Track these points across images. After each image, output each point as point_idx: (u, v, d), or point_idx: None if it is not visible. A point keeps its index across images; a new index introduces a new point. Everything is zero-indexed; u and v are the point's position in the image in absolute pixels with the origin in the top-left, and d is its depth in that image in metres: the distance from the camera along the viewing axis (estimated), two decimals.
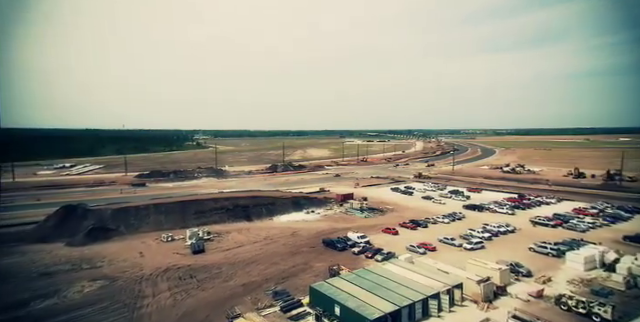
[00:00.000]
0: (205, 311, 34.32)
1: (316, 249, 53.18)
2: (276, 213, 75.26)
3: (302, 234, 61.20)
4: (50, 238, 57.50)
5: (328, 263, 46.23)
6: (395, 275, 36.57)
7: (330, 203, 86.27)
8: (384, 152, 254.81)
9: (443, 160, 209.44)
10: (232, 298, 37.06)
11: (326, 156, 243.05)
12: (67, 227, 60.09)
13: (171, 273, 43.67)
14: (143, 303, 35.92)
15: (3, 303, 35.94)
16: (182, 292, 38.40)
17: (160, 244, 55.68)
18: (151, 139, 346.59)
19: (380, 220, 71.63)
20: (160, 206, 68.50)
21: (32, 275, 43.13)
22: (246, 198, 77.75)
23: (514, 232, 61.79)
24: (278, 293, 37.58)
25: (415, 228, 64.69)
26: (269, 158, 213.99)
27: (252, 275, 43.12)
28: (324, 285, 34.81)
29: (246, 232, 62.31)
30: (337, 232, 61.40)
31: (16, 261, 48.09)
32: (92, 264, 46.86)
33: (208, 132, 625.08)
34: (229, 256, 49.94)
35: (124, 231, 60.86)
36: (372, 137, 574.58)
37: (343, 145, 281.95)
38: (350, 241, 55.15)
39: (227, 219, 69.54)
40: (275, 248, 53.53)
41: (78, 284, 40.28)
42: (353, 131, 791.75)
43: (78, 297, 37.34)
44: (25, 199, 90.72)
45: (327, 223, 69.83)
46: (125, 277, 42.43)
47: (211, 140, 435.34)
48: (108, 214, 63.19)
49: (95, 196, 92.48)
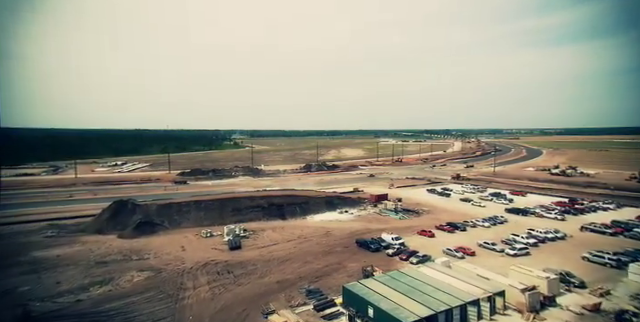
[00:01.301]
0: (241, 306, 35.43)
1: (349, 249, 52.93)
2: (310, 212, 75.92)
3: (335, 234, 61.20)
4: (105, 230, 62.49)
5: (361, 264, 45.84)
6: (431, 279, 35.37)
7: (364, 203, 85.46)
8: (420, 152, 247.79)
9: (483, 161, 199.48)
10: (267, 294, 37.92)
11: (360, 156, 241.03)
12: (119, 220, 64.92)
13: (210, 268, 45.56)
14: (185, 295, 37.81)
15: (69, 287, 39.63)
16: (220, 286, 39.92)
17: (200, 239, 58.33)
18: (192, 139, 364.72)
19: (415, 222, 69.76)
20: (200, 203, 71.76)
21: (91, 263, 47.06)
22: (281, 197, 79.23)
23: (564, 239, 57.33)
24: (311, 292, 37.89)
25: (452, 231, 62.23)
26: (303, 158, 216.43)
27: (286, 273, 43.85)
28: (357, 285, 34.52)
29: (280, 230, 63.50)
30: (371, 233, 60.67)
31: (78, 250, 52.76)
32: (140, 256, 50.17)
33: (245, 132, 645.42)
34: (264, 253, 51.18)
35: (168, 226, 64.53)
36: (407, 137, 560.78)
37: (377, 145, 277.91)
38: (384, 242, 54.27)
39: (262, 217, 71.32)
40: (309, 247, 54.01)
41: (128, 274, 43.29)
42: (388, 131, 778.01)
43: (129, 286, 40.16)
44: (84, 194, 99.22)
45: (361, 223, 69.24)
46: (169, 269, 44.92)
47: (247, 140, 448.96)
48: (154, 209, 67.34)
49: (142, 192, 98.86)
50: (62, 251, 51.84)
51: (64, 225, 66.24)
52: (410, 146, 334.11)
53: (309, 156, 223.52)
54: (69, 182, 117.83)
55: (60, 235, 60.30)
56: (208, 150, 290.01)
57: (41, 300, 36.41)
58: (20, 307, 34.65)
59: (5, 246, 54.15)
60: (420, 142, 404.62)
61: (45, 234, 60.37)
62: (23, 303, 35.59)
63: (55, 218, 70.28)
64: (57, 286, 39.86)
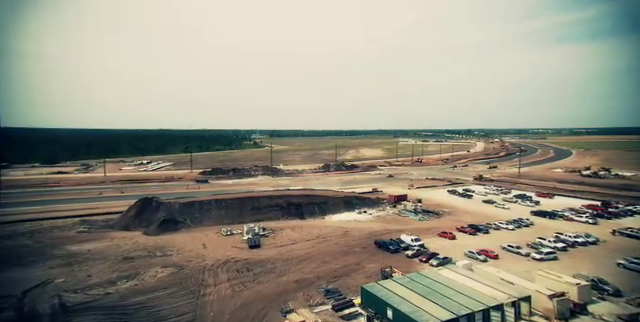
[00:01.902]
0: (260, 304, 35.96)
1: (368, 250, 52.64)
2: (328, 212, 76.02)
3: (354, 234, 61.00)
4: (131, 227, 65.01)
5: (380, 265, 45.52)
6: (452, 282, 34.62)
7: (383, 204, 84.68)
8: (441, 153, 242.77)
9: (507, 162, 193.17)
10: (285, 293, 38.31)
11: (379, 156, 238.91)
12: (144, 218, 67.34)
13: (230, 265, 46.47)
14: (206, 291, 38.76)
15: (99, 280, 41.51)
16: (240, 284, 40.65)
17: (220, 237, 59.59)
18: (213, 139, 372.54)
19: (435, 223, 68.49)
20: (221, 202, 73.31)
21: (118, 258, 49.08)
22: (299, 196, 79.75)
23: (596, 244, 54.67)
24: (330, 291, 37.96)
25: (474, 233, 60.65)
26: (322, 157, 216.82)
27: (305, 272, 44.12)
28: (376, 286, 34.28)
29: (299, 230, 63.91)
30: (390, 234, 60.07)
31: (106, 245, 55.17)
32: (164, 252, 51.84)
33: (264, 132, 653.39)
34: (283, 252, 51.69)
35: (189, 224, 66.34)
36: (428, 137, 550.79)
37: (397, 145, 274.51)
38: (403, 243, 53.63)
39: (281, 216, 72.04)
40: (327, 247, 54.11)
41: (153, 269, 44.83)
42: (407, 131, 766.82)
43: (153, 281, 41.60)
44: (112, 191, 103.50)
45: (379, 224, 68.67)
46: (191, 266, 46.17)
47: (267, 140, 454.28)
48: (176, 207, 69.39)
49: (166, 190, 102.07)
50: (93, 246, 54.36)
51: (94, 221, 69.39)
52: (430, 146, 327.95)
53: (328, 156, 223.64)
54: (99, 180, 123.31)
55: (91, 231, 63.25)
56: (229, 150, 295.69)
57: (74, 292, 38.35)
58: (56, 297, 36.71)
59: (44, 240, 57.33)
60: (441, 142, 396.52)
61: (78, 229, 63.50)
62: (59, 294, 37.65)
63: (86, 214, 73.74)
64: (88, 279, 41.86)
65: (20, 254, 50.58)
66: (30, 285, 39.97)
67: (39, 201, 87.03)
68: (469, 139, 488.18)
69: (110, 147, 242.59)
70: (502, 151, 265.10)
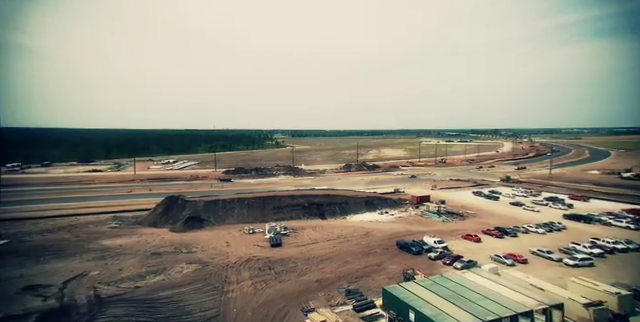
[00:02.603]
0: (282, 302, 36.39)
1: (389, 251, 52.05)
2: (349, 212, 75.80)
3: (375, 235, 60.50)
4: (158, 223, 67.59)
5: (402, 266, 44.93)
6: (477, 286, 33.63)
7: (405, 205, 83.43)
8: (465, 153, 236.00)
9: (537, 163, 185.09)
10: (306, 292, 38.57)
11: (401, 156, 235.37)
12: (170, 215, 69.79)
13: (252, 263, 47.31)
14: (229, 288, 39.65)
15: (130, 274, 43.46)
16: (261, 282, 41.30)
17: (243, 236, 60.78)
18: (236, 138, 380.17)
19: (459, 225, 66.72)
20: (243, 200, 74.76)
21: (147, 254, 51.16)
22: (321, 196, 79.99)
23: (638, 251, 51.29)
24: (351, 292, 37.87)
25: (501, 236, 58.60)
26: (343, 157, 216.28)
27: (326, 272, 44.23)
28: (398, 288, 33.88)
29: (320, 229, 64.12)
30: (412, 235, 59.11)
31: (136, 241, 57.66)
32: (189, 249, 53.52)
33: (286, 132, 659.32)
34: (304, 252, 52.05)
35: (213, 221, 68.09)
36: (452, 137, 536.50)
37: (420, 145, 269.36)
38: (426, 245, 52.63)
39: (302, 216, 72.54)
40: (348, 247, 53.98)
41: (179, 265, 46.38)
42: (431, 130, 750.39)
43: (179, 276, 43.05)
44: (141, 189, 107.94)
45: (401, 225, 67.72)
46: (214, 263, 47.39)
47: (289, 140, 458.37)
48: (201, 205, 71.40)
49: (191, 189, 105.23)
50: (124, 241, 56.98)
51: (125, 218, 72.64)
52: (454, 146, 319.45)
53: (349, 156, 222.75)
54: (129, 178, 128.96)
55: (122, 226, 66.31)
56: (251, 149, 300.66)
57: (107, 284, 40.39)
58: (92, 289, 38.86)
59: (80, 234, 60.74)
60: (465, 142, 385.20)
61: (110, 225, 66.77)
62: (94, 286, 39.81)
63: (118, 211, 77.34)
64: (120, 272, 43.93)
65: (60, 247, 53.98)
66: (69, 276, 42.56)
67: (76, 197, 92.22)
68: (496, 139, 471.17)
69: (139, 147, 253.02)
70: (531, 151, 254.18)
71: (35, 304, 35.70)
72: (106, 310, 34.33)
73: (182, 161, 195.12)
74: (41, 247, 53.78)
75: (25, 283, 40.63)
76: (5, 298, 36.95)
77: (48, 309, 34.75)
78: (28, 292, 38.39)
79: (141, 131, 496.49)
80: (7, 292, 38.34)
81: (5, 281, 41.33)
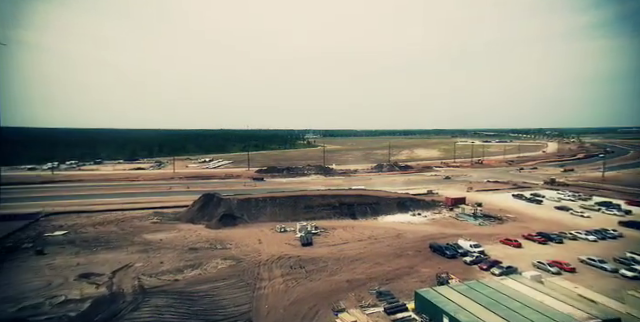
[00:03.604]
0: (312, 301, 36.72)
1: (422, 254, 50.78)
2: (381, 213, 74.82)
3: (407, 236, 59.28)
4: (195, 220, 70.71)
5: (435, 270, 43.68)
6: (518, 293, 31.90)
7: (439, 206, 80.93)
8: (504, 154, 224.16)
9: (587, 165, 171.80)
10: (337, 292, 38.62)
11: (435, 157, 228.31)
12: (206, 212, 72.76)
13: (283, 261, 48.11)
14: (261, 285, 40.62)
15: (169, 267, 45.90)
16: (292, 280, 41.89)
17: (274, 234, 61.97)
18: (269, 138, 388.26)
19: (497, 229, 63.60)
20: (275, 199, 76.23)
21: (185, 248, 53.77)
22: (351, 196, 79.67)
23: None
24: (382, 293, 37.43)
25: (545, 242, 55.09)
26: (375, 157, 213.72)
27: (356, 272, 44.03)
28: (431, 292, 32.99)
29: (351, 230, 63.89)
30: (446, 238, 57.22)
31: (175, 236, 60.79)
32: (223, 245, 55.50)
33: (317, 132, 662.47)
34: (334, 251, 52.13)
35: (246, 219, 70.06)
36: (490, 137, 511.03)
37: (455, 145, 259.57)
38: (461, 249, 50.77)
39: (333, 216, 72.64)
40: (379, 248, 53.34)
41: (214, 261, 48.26)
42: (467, 130, 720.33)
43: (214, 271, 44.82)
44: (180, 187, 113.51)
45: (435, 227, 65.80)
46: (247, 260, 48.77)
47: (320, 139, 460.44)
48: (235, 203, 73.73)
49: (226, 187, 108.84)
50: (164, 236, 60.28)
51: (165, 213, 76.76)
52: (492, 147, 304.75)
53: (381, 156, 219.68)
54: (169, 176, 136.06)
55: (162, 222, 70.18)
56: (283, 149, 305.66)
57: (150, 276, 42.99)
58: (136, 279, 41.59)
59: (126, 228, 65.17)
60: (505, 142, 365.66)
61: (152, 220, 70.89)
62: (138, 277, 42.56)
63: (159, 207, 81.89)
64: (161, 265, 46.56)
65: (109, 239, 58.29)
66: (117, 266, 45.82)
67: (123, 193, 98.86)
68: (539, 139, 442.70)
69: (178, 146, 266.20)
70: (580, 152, 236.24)
71: (89, 290, 38.92)
72: (149, 300, 36.54)
73: (217, 160, 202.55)
74: (93, 238, 58.45)
75: (81, 271, 44.49)
76: (66, 283, 40.79)
77: (100, 296, 37.70)
78: (84, 279, 41.99)
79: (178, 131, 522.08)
80: (68, 278, 42.26)
81: (66, 268, 45.54)
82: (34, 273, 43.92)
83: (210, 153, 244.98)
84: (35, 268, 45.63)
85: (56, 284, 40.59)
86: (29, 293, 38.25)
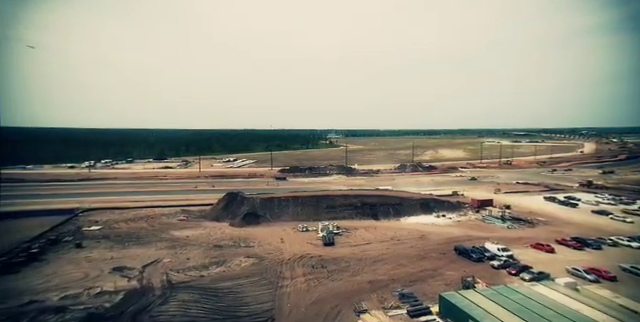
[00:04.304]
0: (334, 301, 36.67)
1: (447, 256, 49.50)
2: (403, 214, 73.64)
3: (431, 238, 58.00)
4: (220, 218, 72.51)
5: (460, 273, 42.47)
6: (550, 301, 30.39)
7: (464, 208, 78.58)
8: (535, 155, 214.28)
9: (630, 166, 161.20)
10: (359, 293, 38.37)
11: (460, 157, 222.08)
12: (230, 210, 74.44)
13: (305, 261, 48.35)
14: (283, 283, 41.00)
15: (195, 263, 47.32)
16: (314, 279, 42.01)
17: (296, 233, 62.41)
18: (291, 138, 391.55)
19: (527, 233, 60.95)
20: (297, 199, 76.78)
21: (210, 246, 55.24)
22: (374, 196, 78.92)
23: None
24: (405, 296, 36.83)
25: (581, 248, 52.16)
26: (398, 158, 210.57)
27: (379, 273, 43.57)
28: (456, 296, 32.08)
29: (373, 230, 63.30)
30: (472, 241, 55.50)
31: (200, 233, 62.58)
32: (247, 243, 56.54)
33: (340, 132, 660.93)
34: (356, 252, 51.83)
35: (269, 218, 71.01)
36: (520, 137, 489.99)
37: (482, 145, 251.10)
38: (488, 252, 49.04)
39: (355, 216, 72.25)
40: (402, 249, 52.51)
41: (237, 258, 49.24)
42: (494, 130, 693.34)
43: (238, 269, 45.77)
44: (205, 185, 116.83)
45: (460, 229, 63.97)
46: (270, 258, 49.40)
47: (342, 139, 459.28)
48: (258, 202, 74.93)
49: (249, 186, 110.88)
50: (190, 233, 62.24)
51: (191, 211, 79.23)
52: (522, 147, 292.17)
53: (404, 156, 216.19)
54: (195, 175, 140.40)
55: (189, 219, 72.50)
56: (306, 149, 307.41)
57: (177, 271, 44.53)
58: (165, 274, 43.22)
59: (155, 224, 67.88)
60: (536, 142, 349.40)
61: (179, 217, 73.40)
62: (166, 272, 44.22)
63: (185, 205, 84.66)
64: (187, 261, 48.11)
65: (140, 235, 60.94)
66: (147, 261, 47.83)
67: (152, 191, 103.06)
68: (574, 139, 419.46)
69: (203, 146, 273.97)
70: (621, 153, 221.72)
71: (122, 283, 40.87)
72: (176, 295, 37.85)
73: (241, 159, 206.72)
74: (126, 234, 61.32)
75: (114, 264, 46.84)
76: (102, 276, 43.13)
77: (132, 288, 39.49)
78: (117, 272, 44.16)
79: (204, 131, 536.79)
80: (103, 270, 44.67)
81: (101, 261, 48.16)
82: (74, 265, 46.84)
83: (234, 153, 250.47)
84: (75, 260, 48.67)
85: (93, 276, 43.00)
86: (70, 283, 40.82)
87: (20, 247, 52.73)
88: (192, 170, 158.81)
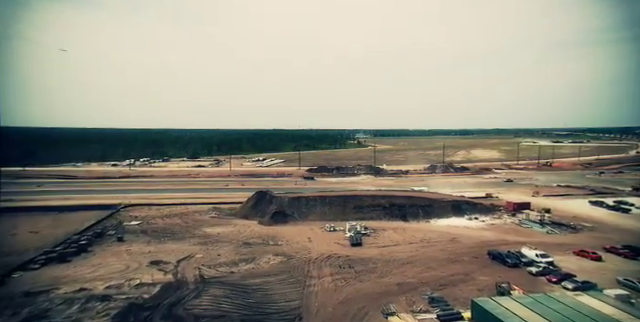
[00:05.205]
0: (362, 301, 36.35)
1: (479, 260, 47.54)
2: (433, 216, 71.62)
3: (463, 241, 55.98)
4: (249, 216, 74.25)
5: (494, 278, 40.61)
6: (598, 314, 28.14)
7: (499, 211, 75.18)
8: (580, 156, 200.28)
9: None
10: (387, 295, 37.77)
11: (495, 158, 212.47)
12: (259, 209, 75.94)
13: (332, 260, 48.26)
14: (311, 282, 41.18)
15: (226, 260, 48.76)
16: (342, 279, 41.83)
17: (324, 233, 62.50)
18: (319, 138, 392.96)
19: (570, 239, 57.23)
20: (325, 198, 76.87)
21: (239, 243, 56.69)
22: (402, 197, 77.40)
23: None
24: (435, 299, 35.79)
25: (633, 257, 47.98)
26: (428, 158, 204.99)
27: (407, 276, 42.66)
28: (490, 302, 30.66)
29: (401, 232, 62.10)
30: (507, 245, 52.90)
31: (231, 230, 64.42)
32: (275, 242, 57.42)
33: (368, 131, 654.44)
34: (384, 253, 51.06)
35: (297, 217, 71.65)
36: (561, 137, 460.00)
37: (518, 146, 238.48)
38: (525, 258, 46.57)
39: (383, 217, 71.23)
40: (432, 252, 51.08)
41: (266, 256, 50.09)
42: (533, 130, 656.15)
43: (266, 266, 46.59)
44: (236, 184, 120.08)
45: (494, 233, 61.25)
46: (297, 257, 49.80)
47: (370, 139, 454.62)
48: (286, 201, 75.81)
49: (277, 185, 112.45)
50: (221, 230, 64.23)
51: (222, 209, 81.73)
52: (565, 148, 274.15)
53: (434, 157, 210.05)
54: (226, 174, 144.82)
55: (220, 217, 74.88)
56: (334, 149, 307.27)
57: (209, 267, 46.11)
58: (197, 269, 44.95)
59: (188, 221, 70.79)
60: (580, 143, 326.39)
61: (210, 215, 76.02)
62: (199, 267, 45.96)
63: (216, 202, 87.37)
64: (218, 258, 49.69)
65: (174, 230, 63.80)
66: (181, 256, 49.93)
67: (186, 189, 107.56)
68: (627, 139, 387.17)
69: (234, 145, 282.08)
70: None
71: (159, 276, 42.97)
72: (208, 290, 39.19)
73: (270, 159, 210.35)
74: (162, 229, 64.45)
75: (152, 258, 49.39)
76: (140, 268, 45.65)
77: (167, 282, 41.41)
78: (154, 265, 46.51)
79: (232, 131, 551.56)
80: (142, 263, 47.25)
81: (140, 255, 51.00)
82: (116, 257, 50.02)
83: (263, 152, 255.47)
84: (117, 253, 51.95)
85: (133, 268, 45.61)
86: (113, 274, 43.58)
87: (71, 239, 57.41)
88: (223, 169, 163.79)
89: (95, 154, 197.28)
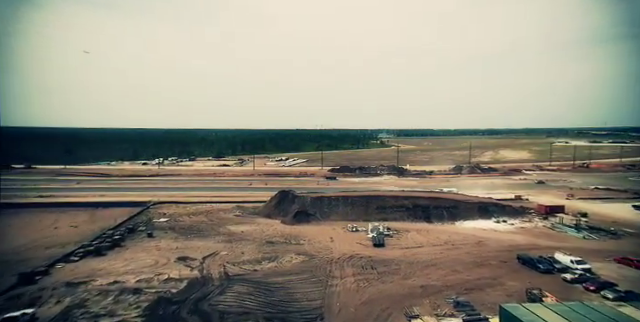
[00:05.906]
0: (384, 303, 35.93)
1: (508, 265, 45.75)
2: (459, 218, 69.59)
3: (490, 245, 54.07)
4: (272, 215, 75.19)
5: (524, 284, 38.95)
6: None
7: (529, 214, 72.03)
8: (621, 157, 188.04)
9: None
10: (410, 297, 37.14)
11: (525, 159, 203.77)
12: (282, 208, 76.72)
13: (355, 261, 48.03)
14: (333, 282, 41.15)
15: (249, 257, 49.71)
16: (364, 280, 41.56)
17: (346, 233, 62.30)
18: (341, 138, 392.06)
19: (610, 245, 53.89)
20: (347, 198, 76.55)
21: (262, 241, 57.57)
22: (426, 198, 75.72)
23: None
24: (460, 304, 34.77)
25: None
26: (453, 159, 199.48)
27: (431, 278, 41.74)
28: (520, 309, 29.29)
29: (425, 233, 60.83)
30: (538, 250, 50.62)
31: (254, 229, 65.54)
32: (297, 241, 57.85)
33: (391, 131, 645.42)
34: (408, 254, 50.20)
35: (319, 217, 71.79)
36: (600, 137, 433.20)
37: (551, 146, 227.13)
38: (558, 264, 44.39)
39: (406, 218, 70.04)
40: (457, 255, 49.68)
41: (288, 255, 50.59)
42: (567, 129, 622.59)
43: (288, 265, 47.01)
44: (259, 183, 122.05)
45: (524, 237, 58.74)
46: (319, 256, 49.94)
47: (394, 139, 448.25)
48: (308, 201, 76.14)
49: (300, 185, 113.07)
50: (245, 228, 65.48)
51: (246, 208, 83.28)
52: (603, 148, 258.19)
53: (460, 157, 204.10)
54: (249, 173, 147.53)
55: (243, 215, 76.34)
56: (356, 149, 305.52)
57: (233, 264, 47.15)
58: (222, 266, 46.09)
59: (214, 219, 72.71)
60: (622, 143, 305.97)
61: (234, 213, 77.67)
62: (223, 264, 47.09)
63: (240, 201, 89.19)
64: (242, 255, 50.70)
65: (200, 228, 65.74)
66: (207, 253, 51.40)
67: (211, 188, 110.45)
68: None
69: (258, 145, 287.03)
70: None
71: (185, 272, 44.47)
72: (232, 286, 40.07)
73: (292, 159, 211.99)
74: (188, 227, 66.59)
75: (179, 254, 51.19)
76: (168, 264, 47.41)
77: (194, 277, 42.75)
78: (181, 261, 48.19)
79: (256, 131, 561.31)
80: (169, 259, 49.12)
81: (168, 251, 52.95)
82: (146, 252, 52.23)
83: (286, 152, 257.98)
84: (147, 248, 54.24)
85: (161, 263, 47.46)
86: (144, 268, 45.61)
87: (106, 233, 60.66)
88: (247, 168, 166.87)
89: (127, 153, 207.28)
